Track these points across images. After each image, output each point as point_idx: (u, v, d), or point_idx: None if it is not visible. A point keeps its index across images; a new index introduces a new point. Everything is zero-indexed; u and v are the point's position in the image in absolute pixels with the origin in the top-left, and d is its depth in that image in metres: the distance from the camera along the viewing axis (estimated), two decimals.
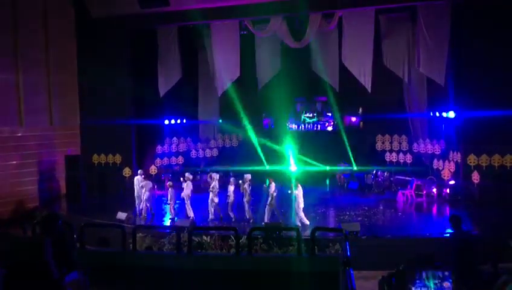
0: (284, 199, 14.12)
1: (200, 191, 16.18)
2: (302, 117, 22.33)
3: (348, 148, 19.03)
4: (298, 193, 13.02)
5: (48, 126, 17.23)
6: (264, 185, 13.98)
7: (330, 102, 20.87)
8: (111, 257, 6.28)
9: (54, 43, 17.15)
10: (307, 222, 12.98)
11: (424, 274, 5.36)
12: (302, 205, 13.05)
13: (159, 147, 19.85)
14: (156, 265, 5.90)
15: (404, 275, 5.50)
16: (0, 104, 15.84)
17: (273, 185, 13.39)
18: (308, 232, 9.48)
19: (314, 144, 21.37)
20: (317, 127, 22.27)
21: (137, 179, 14.81)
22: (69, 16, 17.56)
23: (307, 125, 22.33)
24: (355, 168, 19.53)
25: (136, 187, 14.78)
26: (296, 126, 22.36)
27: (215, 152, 21.79)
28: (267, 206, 13.41)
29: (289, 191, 13.56)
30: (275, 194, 13.31)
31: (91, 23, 16.95)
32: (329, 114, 22.13)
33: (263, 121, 22.64)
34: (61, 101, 17.52)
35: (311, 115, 22.34)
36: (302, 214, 13.06)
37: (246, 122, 21.21)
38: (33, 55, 16.61)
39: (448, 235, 7.74)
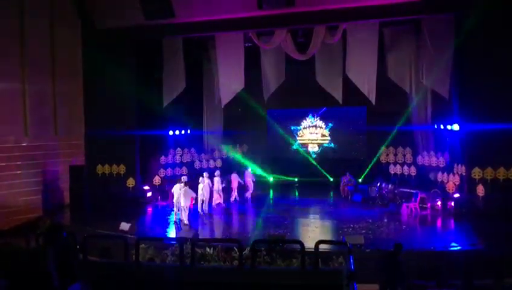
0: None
1: None
2: (295, 140, 22.36)
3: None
4: (183, 193, 14.83)
5: (53, 136, 17.26)
6: None
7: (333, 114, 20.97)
8: (113, 268, 6.25)
9: (60, 54, 17.25)
10: (186, 222, 14.73)
11: None
12: (187, 204, 14.89)
13: (163, 158, 19.87)
14: (158, 277, 5.87)
15: None
16: (6, 114, 15.88)
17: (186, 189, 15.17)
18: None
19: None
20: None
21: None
22: (75, 26, 17.62)
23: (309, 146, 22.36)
24: (359, 180, 19.51)
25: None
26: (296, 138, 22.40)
27: (218, 163, 21.81)
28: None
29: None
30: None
31: (97, 34, 17.04)
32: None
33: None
34: (66, 112, 17.58)
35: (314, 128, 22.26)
36: (185, 213, 14.85)
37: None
38: (39, 65, 16.68)
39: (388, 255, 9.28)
